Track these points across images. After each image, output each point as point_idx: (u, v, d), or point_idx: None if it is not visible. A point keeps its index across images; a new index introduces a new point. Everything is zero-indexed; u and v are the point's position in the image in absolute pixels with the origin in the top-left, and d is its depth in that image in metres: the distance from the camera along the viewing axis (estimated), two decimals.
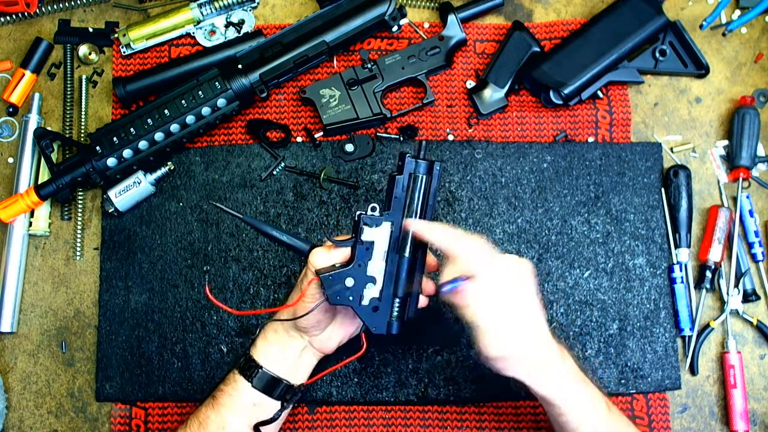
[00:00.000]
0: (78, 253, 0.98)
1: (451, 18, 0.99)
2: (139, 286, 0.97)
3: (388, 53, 1.00)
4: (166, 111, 0.93)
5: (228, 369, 0.89)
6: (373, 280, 0.77)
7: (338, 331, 0.86)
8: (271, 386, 0.84)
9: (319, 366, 0.88)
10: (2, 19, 1.04)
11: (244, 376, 0.84)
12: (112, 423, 0.94)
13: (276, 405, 0.84)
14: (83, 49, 1.02)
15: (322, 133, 0.99)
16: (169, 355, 0.95)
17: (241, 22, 1.02)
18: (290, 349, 0.85)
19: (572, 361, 0.78)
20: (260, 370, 0.83)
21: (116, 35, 1.02)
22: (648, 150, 1.00)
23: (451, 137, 1.01)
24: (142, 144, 0.93)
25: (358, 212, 0.77)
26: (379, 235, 0.77)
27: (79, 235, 0.98)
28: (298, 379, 0.86)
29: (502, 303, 0.73)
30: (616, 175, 0.99)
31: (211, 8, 1.02)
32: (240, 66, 0.96)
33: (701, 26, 1.00)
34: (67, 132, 1.01)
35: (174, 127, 0.94)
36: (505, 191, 0.98)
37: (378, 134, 1.00)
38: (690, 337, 0.95)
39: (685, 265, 0.97)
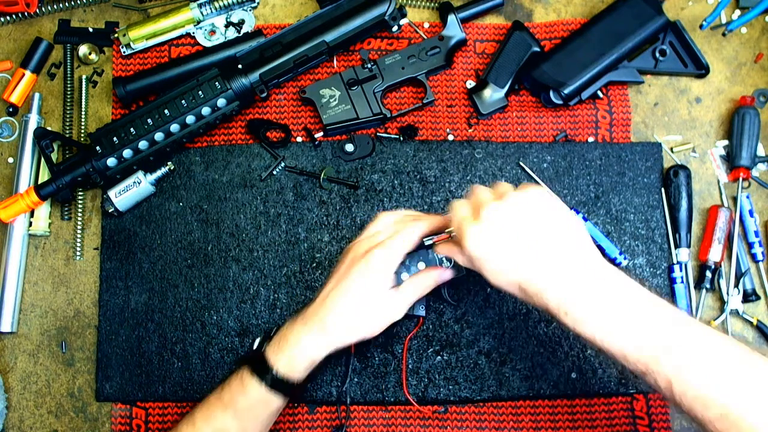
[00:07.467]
0: (78, 253, 0.98)
1: (451, 18, 1.00)
2: (139, 286, 0.97)
3: (388, 53, 1.00)
4: (166, 111, 0.93)
5: (234, 368, 0.85)
6: None
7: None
8: (286, 388, 0.80)
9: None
10: (2, 19, 1.04)
11: (263, 379, 0.80)
12: (113, 423, 0.94)
13: (283, 404, 0.82)
14: (83, 49, 1.02)
15: (322, 133, 0.99)
16: (169, 355, 0.95)
17: (241, 22, 1.02)
18: (318, 352, 0.81)
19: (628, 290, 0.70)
20: (279, 376, 0.80)
21: (116, 35, 1.02)
22: (648, 150, 1.00)
23: (451, 137, 1.01)
24: (142, 144, 0.93)
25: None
26: None
27: (79, 235, 0.98)
28: (304, 375, 0.82)
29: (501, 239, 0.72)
30: (616, 175, 0.99)
31: (211, 8, 1.02)
32: (240, 66, 0.96)
33: (701, 26, 1.00)
34: (67, 132, 1.01)
35: (174, 127, 0.94)
36: None
37: (378, 134, 1.00)
38: None
39: (685, 265, 0.97)
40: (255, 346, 0.86)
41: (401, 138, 1.00)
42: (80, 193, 0.99)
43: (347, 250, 0.84)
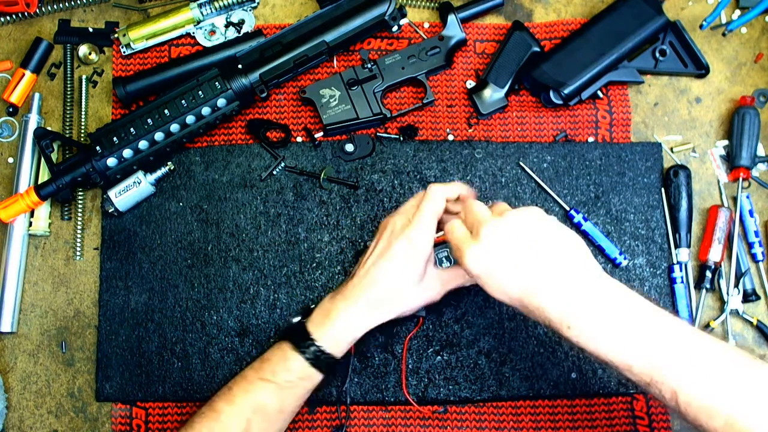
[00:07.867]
0: (78, 253, 0.98)
1: (451, 18, 1.00)
2: (139, 286, 0.97)
3: (388, 53, 1.00)
4: (166, 111, 0.93)
5: (274, 342, 0.86)
6: None
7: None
8: (326, 364, 0.81)
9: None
10: (2, 19, 1.04)
11: (308, 359, 0.80)
12: (113, 423, 0.94)
13: (320, 381, 0.83)
14: (83, 49, 1.02)
15: (322, 133, 0.99)
16: (169, 355, 0.95)
17: (241, 22, 1.03)
18: (360, 328, 0.82)
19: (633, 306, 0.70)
20: (322, 351, 0.80)
21: (116, 35, 1.02)
22: (648, 150, 1.00)
23: (451, 137, 1.01)
24: (142, 144, 0.93)
25: None
26: None
27: (79, 235, 0.98)
28: (344, 351, 0.83)
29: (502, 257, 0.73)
30: (616, 175, 0.99)
31: (211, 8, 1.02)
32: (240, 66, 0.96)
33: (701, 26, 1.00)
34: (67, 132, 1.01)
35: (174, 127, 0.94)
36: (505, 191, 0.98)
37: (378, 134, 1.00)
38: None
39: (685, 265, 0.97)
40: (294, 321, 0.86)
41: (401, 138, 1.00)
42: (80, 193, 0.99)
43: (384, 225, 0.85)
